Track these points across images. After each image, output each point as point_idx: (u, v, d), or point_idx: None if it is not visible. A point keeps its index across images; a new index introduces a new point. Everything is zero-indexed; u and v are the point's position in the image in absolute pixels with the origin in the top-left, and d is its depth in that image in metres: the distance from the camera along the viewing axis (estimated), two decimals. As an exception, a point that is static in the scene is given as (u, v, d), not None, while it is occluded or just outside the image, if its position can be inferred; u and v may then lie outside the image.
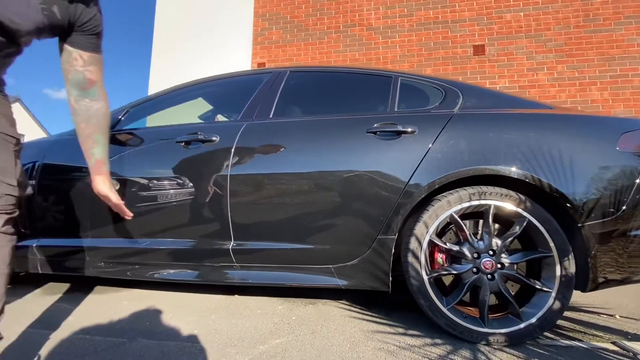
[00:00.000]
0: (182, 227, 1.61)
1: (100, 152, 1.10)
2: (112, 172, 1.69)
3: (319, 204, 1.46)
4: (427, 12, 4.45)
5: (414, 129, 1.43)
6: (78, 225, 1.67)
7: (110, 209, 1.47)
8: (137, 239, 1.66)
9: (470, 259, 1.33)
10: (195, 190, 1.58)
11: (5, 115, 0.89)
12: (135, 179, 1.65)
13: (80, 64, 0.96)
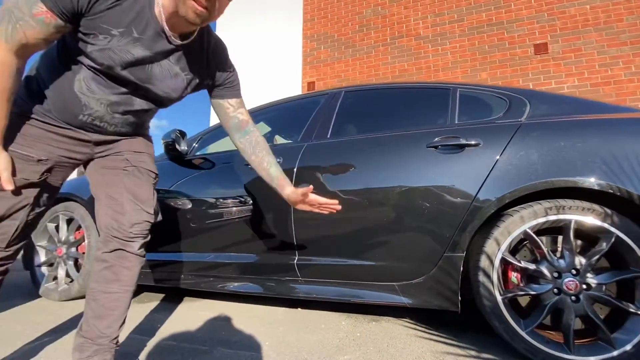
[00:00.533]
0: (249, 243, 1.74)
1: (276, 170, 1.15)
2: (184, 193, 1.91)
3: (380, 221, 1.48)
4: (479, 15, 4.29)
5: (478, 142, 1.40)
6: (166, 242, 1.89)
7: (188, 225, 1.64)
8: (209, 253, 1.83)
9: (550, 278, 1.25)
10: (262, 208, 1.70)
11: (150, 155, 1.07)
12: (208, 198, 1.83)
13: (232, 111, 1.09)
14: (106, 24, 0.80)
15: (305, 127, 1.82)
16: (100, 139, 0.98)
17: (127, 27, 0.82)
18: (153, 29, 0.85)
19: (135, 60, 0.85)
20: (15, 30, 0.73)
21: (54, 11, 0.74)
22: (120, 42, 0.82)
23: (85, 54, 0.83)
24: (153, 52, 0.87)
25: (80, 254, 2.04)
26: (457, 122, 1.55)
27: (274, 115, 2.21)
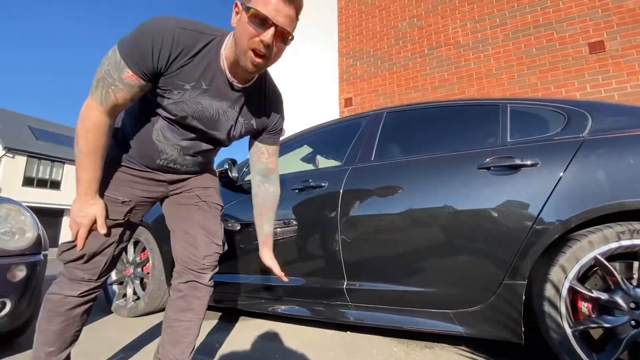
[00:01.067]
0: (299, 266, 1.79)
1: (269, 227, 1.22)
2: (233, 216, 2.02)
3: (431, 245, 1.46)
4: (524, 18, 4.09)
5: (535, 161, 1.33)
6: (222, 264, 2.01)
7: (241, 248, 1.73)
8: (259, 275, 1.90)
9: (626, 309, 1.14)
10: (309, 232, 1.75)
11: (216, 188, 1.19)
12: None
13: (265, 157, 1.16)
14: (180, 80, 0.90)
15: (349, 150, 1.86)
16: (173, 179, 1.10)
17: (198, 80, 0.91)
18: (219, 79, 0.93)
19: (203, 109, 0.95)
20: (108, 94, 0.86)
21: (138, 74, 0.85)
22: (192, 94, 0.92)
23: (162, 107, 0.94)
24: (219, 100, 0.96)
25: (145, 274, 2.24)
26: (510, 141, 1.49)
27: (316, 139, 2.28)
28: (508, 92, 4.00)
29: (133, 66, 0.84)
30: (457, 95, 4.29)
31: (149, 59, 0.84)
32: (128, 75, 0.85)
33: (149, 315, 2.24)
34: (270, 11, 0.80)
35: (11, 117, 21.04)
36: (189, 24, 0.88)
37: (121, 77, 0.85)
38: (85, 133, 0.88)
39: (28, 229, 1.65)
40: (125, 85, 0.86)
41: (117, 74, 0.85)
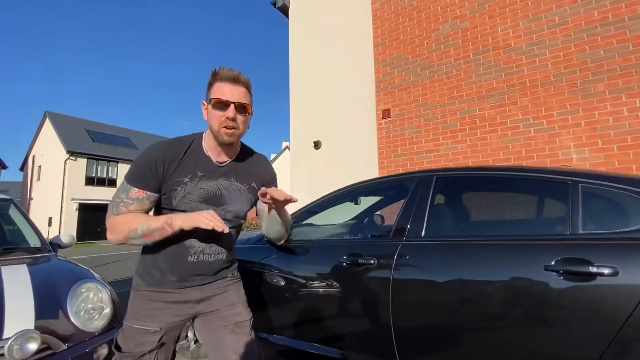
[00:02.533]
0: (350, 341, 1.78)
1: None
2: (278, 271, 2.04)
3: (484, 348, 1.37)
4: (589, 15, 3.58)
5: (614, 270, 1.18)
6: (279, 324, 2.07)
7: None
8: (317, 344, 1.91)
9: None
10: (360, 308, 1.73)
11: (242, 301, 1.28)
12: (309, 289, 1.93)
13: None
14: (179, 177, 1.10)
15: (396, 221, 1.78)
16: (201, 297, 1.18)
17: (193, 172, 1.12)
18: (208, 164, 1.15)
19: (207, 191, 1.13)
20: (119, 209, 1.08)
21: (143, 189, 1.08)
22: (193, 183, 1.12)
23: (173, 209, 1.11)
24: (215, 179, 1.15)
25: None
26: (582, 233, 1.33)
27: (361, 196, 2.22)
28: (568, 103, 3.58)
29: (138, 184, 1.08)
30: (507, 106, 3.93)
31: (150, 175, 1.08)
32: (134, 192, 1.08)
33: None
34: (226, 94, 1.08)
35: (69, 122, 23.13)
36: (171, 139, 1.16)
37: (129, 194, 1.08)
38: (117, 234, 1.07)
39: (106, 305, 1.82)
40: (134, 200, 1.09)
41: (125, 194, 1.08)
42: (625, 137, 3.27)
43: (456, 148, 4.22)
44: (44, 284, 1.80)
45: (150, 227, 1.06)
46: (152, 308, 1.13)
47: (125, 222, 1.06)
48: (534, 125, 3.75)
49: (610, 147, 3.33)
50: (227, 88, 1.08)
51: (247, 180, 1.22)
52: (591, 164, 3.41)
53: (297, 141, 5.95)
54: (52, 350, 1.54)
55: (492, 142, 3.96)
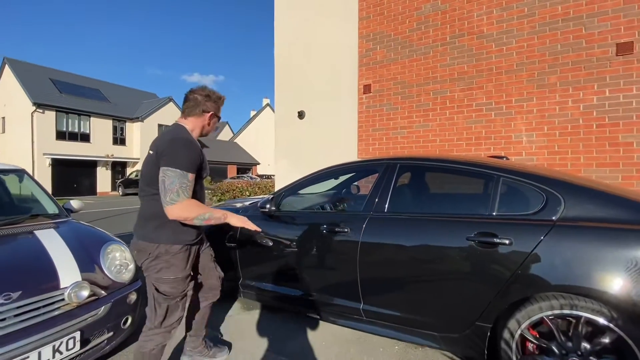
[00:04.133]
0: (331, 288, 2.32)
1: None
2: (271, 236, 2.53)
3: (430, 289, 1.94)
4: (554, 9, 3.92)
5: (510, 241, 1.72)
6: (276, 276, 2.59)
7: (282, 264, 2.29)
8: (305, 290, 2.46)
9: (558, 354, 1.62)
10: (336, 266, 2.25)
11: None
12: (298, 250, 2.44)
13: None
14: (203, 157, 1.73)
15: (367, 198, 2.26)
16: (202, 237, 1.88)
17: (202, 152, 1.71)
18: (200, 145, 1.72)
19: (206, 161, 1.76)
20: (188, 191, 1.61)
21: (194, 172, 1.64)
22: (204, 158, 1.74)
23: (202, 177, 1.75)
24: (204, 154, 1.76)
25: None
26: (495, 214, 1.85)
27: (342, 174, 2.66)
28: (525, 91, 4.05)
29: (193, 171, 1.63)
30: (474, 89, 4.35)
31: (199, 163, 1.67)
32: (191, 176, 1.61)
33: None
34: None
35: (32, 70, 21.40)
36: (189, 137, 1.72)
37: (189, 178, 1.60)
38: (191, 213, 1.59)
39: (130, 262, 2.24)
40: (192, 181, 1.63)
41: (186, 179, 1.59)
42: (567, 125, 3.83)
43: (427, 126, 4.67)
44: (75, 245, 2.17)
45: (214, 216, 1.64)
46: (190, 259, 1.73)
47: (199, 207, 1.61)
48: (495, 109, 4.22)
49: (553, 133, 3.89)
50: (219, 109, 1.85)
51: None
52: (536, 146, 3.98)
53: (282, 110, 6.17)
54: (97, 297, 1.98)
55: (459, 122, 4.42)
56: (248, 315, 2.79)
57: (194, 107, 1.74)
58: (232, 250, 2.74)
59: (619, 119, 3.60)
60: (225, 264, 2.72)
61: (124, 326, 2.10)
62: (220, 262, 2.72)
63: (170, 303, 1.66)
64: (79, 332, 1.84)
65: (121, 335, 2.10)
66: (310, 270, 2.38)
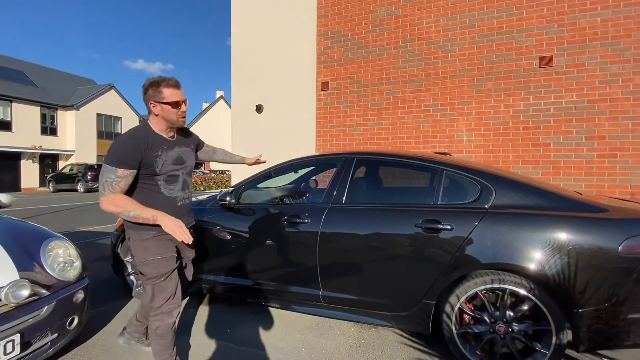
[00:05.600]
0: (289, 276, 2.42)
1: (237, 157, 2.43)
2: (227, 229, 2.55)
3: (380, 272, 2.12)
4: (491, 22, 4.39)
5: (451, 226, 1.96)
6: (234, 268, 2.59)
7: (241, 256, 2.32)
8: (266, 281, 2.52)
9: (488, 323, 1.90)
10: (297, 254, 2.34)
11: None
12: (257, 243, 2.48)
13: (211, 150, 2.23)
14: (154, 153, 1.62)
15: (326, 190, 2.38)
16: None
17: (160, 147, 1.65)
18: (164, 139, 1.68)
19: (173, 157, 1.71)
20: (114, 187, 1.53)
21: (127, 169, 1.54)
22: (164, 154, 1.66)
23: (157, 175, 1.65)
24: (172, 149, 1.71)
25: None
26: (440, 203, 2.09)
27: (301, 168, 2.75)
28: (466, 95, 4.49)
29: (124, 165, 1.54)
30: (423, 92, 4.71)
31: (133, 158, 1.56)
32: (122, 171, 1.53)
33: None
34: (178, 96, 1.65)
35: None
36: (132, 132, 1.64)
37: (117, 174, 1.53)
38: (117, 207, 1.53)
39: (75, 259, 2.11)
40: (123, 177, 1.55)
41: (114, 174, 1.53)
42: (499, 127, 4.33)
43: (380, 124, 4.94)
44: (10, 242, 1.99)
45: (141, 215, 1.53)
46: (165, 244, 1.69)
47: (124, 202, 1.53)
48: (440, 111, 4.62)
49: (488, 133, 4.38)
50: (177, 92, 1.65)
51: (188, 144, 1.85)
52: (474, 144, 4.45)
53: (239, 104, 6.07)
54: (38, 296, 1.85)
55: (409, 121, 4.76)
56: (206, 309, 2.77)
57: (146, 105, 1.69)
58: (190, 244, 2.70)
59: (539, 122, 4.17)
60: (183, 258, 2.67)
61: (69, 327, 1.98)
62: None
63: (154, 284, 1.68)
64: (19, 334, 1.71)
65: (67, 336, 1.98)
66: (271, 260, 2.45)
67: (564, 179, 4.06)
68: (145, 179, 1.64)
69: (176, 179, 1.72)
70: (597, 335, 1.77)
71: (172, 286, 1.71)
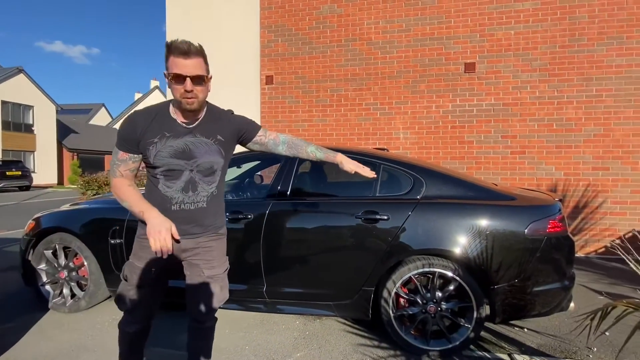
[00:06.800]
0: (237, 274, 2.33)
1: (320, 154, 1.54)
2: None
3: (322, 264, 2.16)
4: (424, 28, 4.73)
5: (388, 216, 2.08)
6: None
7: None
8: None
9: (420, 304, 2.06)
10: (241, 251, 2.28)
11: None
12: None
13: (265, 139, 1.49)
14: (149, 138, 1.27)
15: (270, 185, 2.35)
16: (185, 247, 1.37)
17: (161, 132, 1.27)
18: (175, 125, 1.29)
19: (175, 147, 1.28)
20: (114, 170, 1.32)
21: (125, 151, 1.30)
22: (161, 143, 1.27)
23: (154, 168, 1.30)
24: (182, 137, 1.29)
25: (82, 277, 2.50)
26: (378, 195, 2.20)
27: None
28: (403, 95, 4.78)
29: (122, 148, 1.31)
30: (364, 90, 4.90)
31: (128, 139, 1.30)
32: (121, 154, 1.31)
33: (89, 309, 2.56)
34: (181, 69, 1.19)
35: None
36: (145, 108, 1.36)
37: (117, 157, 1.32)
38: (116, 195, 1.32)
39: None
40: (122, 161, 1.31)
41: (115, 157, 1.33)
42: (431, 126, 4.70)
43: (325, 120, 5.03)
44: None
45: (131, 208, 1.27)
46: (145, 252, 1.34)
47: (122, 192, 1.30)
48: (380, 109, 4.85)
49: (422, 131, 4.73)
50: (181, 62, 1.18)
51: (212, 134, 1.34)
52: (410, 141, 4.77)
53: (176, 94, 5.67)
54: None
55: (351, 119, 4.92)
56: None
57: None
58: (117, 247, 2.45)
59: (465, 122, 4.62)
60: (108, 264, 2.43)
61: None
62: (102, 263, 2.44)
63: (123, 287, 1.42)
64: None
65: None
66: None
67: (485, 173, 4.57)
68: (148, 168, 1.35)
69: (178, 175, 1.31)
70: (510, 307, 2.03)
71: (135, 301, 1.39)
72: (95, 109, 37.42)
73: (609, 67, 4.32)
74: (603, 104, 4.34)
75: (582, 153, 4.39)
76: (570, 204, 4.40)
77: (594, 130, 4.37)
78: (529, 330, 2.40)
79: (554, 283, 2.03)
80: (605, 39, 4.32)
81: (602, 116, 4.35)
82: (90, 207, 2.69)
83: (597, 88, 4.35)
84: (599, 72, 4.35)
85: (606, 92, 4.33)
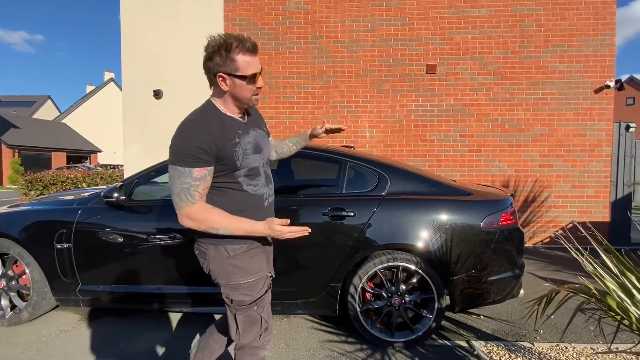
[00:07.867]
0: (193, 277, 2.24)
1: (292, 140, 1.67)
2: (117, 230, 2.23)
3: (291, 265, 2.15)
4: (388, 29, 4.85)
5: (354, 213, 2.10)
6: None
7: None
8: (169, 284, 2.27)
9: (386, 298, 2.12)
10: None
11: None
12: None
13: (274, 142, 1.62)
14: (230, 142, 1.16)
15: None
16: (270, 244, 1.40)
17: (235, 132, 1.19)
18: (237, 124, 1.22)
19: (252, 144, 1.24)
20: (192, 194, 1.11)
21: (203, 166, 1.11)
22: (241, 142, 1.20)
23: (238, 168, 1.19)
24: (247, 133, 1.24)
25: (24, 286, 2.26)
26: (345, 192, 2.22)
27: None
28: (368, 94, 4.87)
29: (199, 164, 1.10)
30: (331, 88, 4.93)
31: (206, 153, 1.11)
32: (198, 171, 1.11)
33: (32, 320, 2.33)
34: (255, 67, 1.15)
35: None
36: (197, 118, 1.18)
37: (193, 176, 1.10)
38: (200, 224, 1.14)
39: None
40: (201, 179, 1.12)
41: (189, 178, 1.10)
42: (395, 125, 4.84)
43: (292, 117, 4.99)
44: None
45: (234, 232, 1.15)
46: (258, 259, 1.28)
47: (213, 219, 1.13)
48: (347, 107, 4.91)
49: (386, 129, 4.85)
50: (254, 60, 1.14)
51: (261, 126, 1.36)
52: (375, 139, 4.88)
53: (132, 88, 5.32)
54: None
55: (319, 116, 4.92)
56: (89, 326, 2.37)
57: (208, 77, 1.22)
58: (65, 252, 2.25)
59: (427, 122, 4.81)
60: (54, 270, 2.24)
61: None
62: (47, 270, 2.23)
63: (246, 314, 1.27)
64: None
65: None
66: (169, 262, 2.23)
67: (445, 170, 4.79)
68: (221, 177, 1.19)
69: (257, 171, 1.26)
70: (468, 297, 2.15)
71: (266, 313, 1.33)
72: (40, 101, 34.18)
73: (552, 73, 4.71)
74: (548, 106, 4.73)
75: (530, 151, 4.76)
76: (520, 199, 4.76)
77: (540, 130, 4.74)
78: (485, 317, 2.56)
79: (507, 272, 2.18)
80: (550, 47, 4.70)
81: (547, 117, 4.74)
82: (33, 208, 2.45)
83: (543, 91, 4.73)
84: (544, 77, 4.72)
85: (550, 96, 4.72)
